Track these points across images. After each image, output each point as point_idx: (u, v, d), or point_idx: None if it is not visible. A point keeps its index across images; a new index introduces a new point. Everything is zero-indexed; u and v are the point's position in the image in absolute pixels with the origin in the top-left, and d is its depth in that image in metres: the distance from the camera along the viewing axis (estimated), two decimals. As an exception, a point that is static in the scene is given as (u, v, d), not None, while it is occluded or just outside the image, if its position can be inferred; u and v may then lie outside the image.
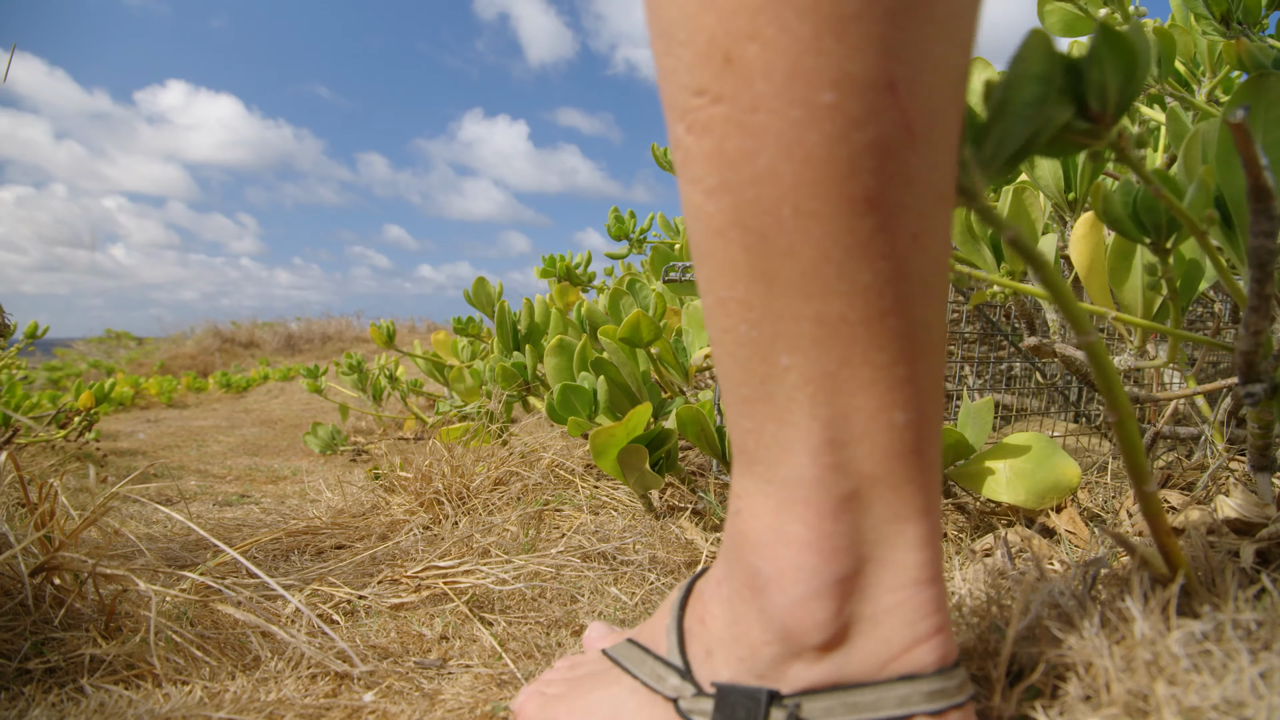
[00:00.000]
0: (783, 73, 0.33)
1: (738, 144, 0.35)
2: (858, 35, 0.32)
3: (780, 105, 0.33)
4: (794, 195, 0.34)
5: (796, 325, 0.37)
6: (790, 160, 0.34)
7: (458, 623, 0.73)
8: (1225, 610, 0.45)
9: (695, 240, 0.39)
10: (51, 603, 0.68)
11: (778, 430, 0.39)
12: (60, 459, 1.69)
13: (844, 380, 0.37)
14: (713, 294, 0.39)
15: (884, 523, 0.40)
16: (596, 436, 0.84)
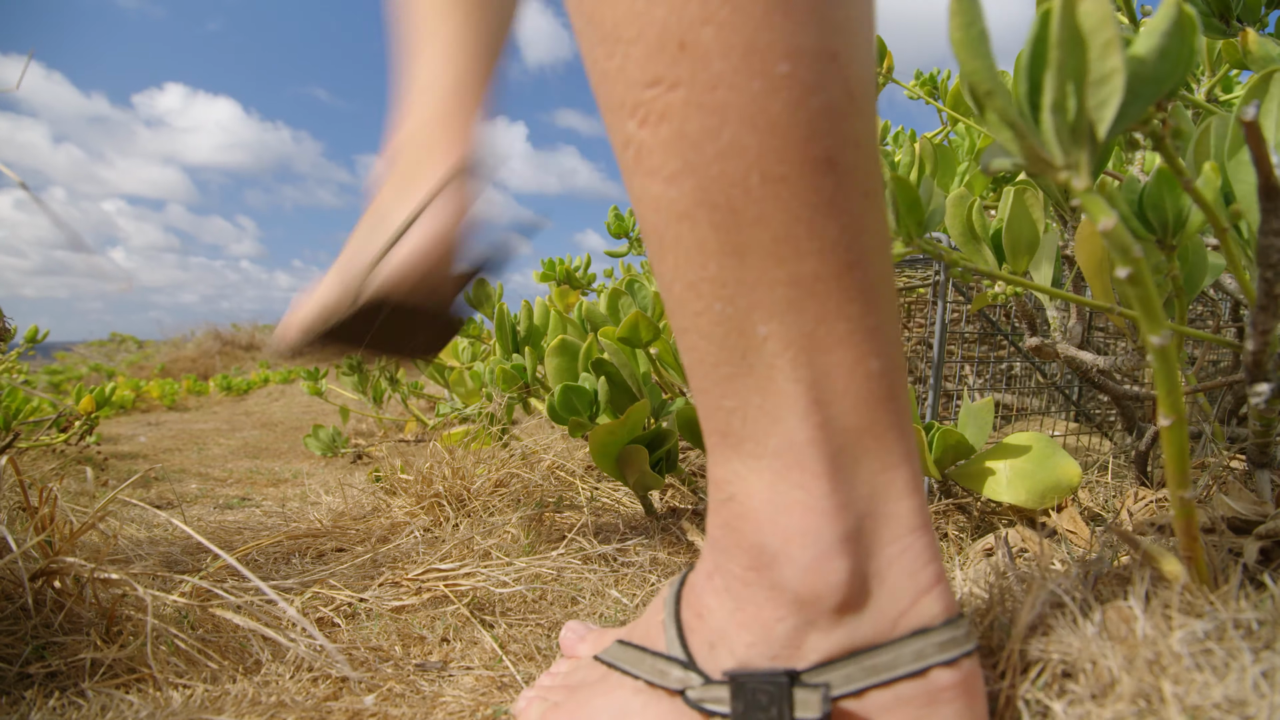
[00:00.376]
0: (740, 50, 0.36)
1: (699, 124, 0.37)
2: (803, 11, 0.37)
3: (741, 80, 0.36)
4: (761, 163, 0.37)
5: (772, 291, 0.39)
6: (755, 130, 0.37)
7: (459, 625, 0.73)
8: (1227, 609, 0.45)
9: (657, 232, 0.41)
10: (52, 607, 0.68)
11: (763, 401, 0.40)
12: (61, 463, 1.69)
13: (822, 338, 0.39)
14: (682, 280, 0.41)
15: (875, 474, 0.41)
16: (596, 435, 0.83)
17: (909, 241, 0.65)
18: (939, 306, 0.90)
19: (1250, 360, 0.50)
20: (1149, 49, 0.38)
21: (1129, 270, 0.39)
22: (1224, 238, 0.53)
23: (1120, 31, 0.37)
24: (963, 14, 0.38)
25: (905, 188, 0.62)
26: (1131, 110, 0.38)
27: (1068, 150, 0.38)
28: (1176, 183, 0.60)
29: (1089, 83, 0.37)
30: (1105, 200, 0.45)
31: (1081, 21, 0.37)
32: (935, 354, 0.90)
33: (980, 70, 0.39)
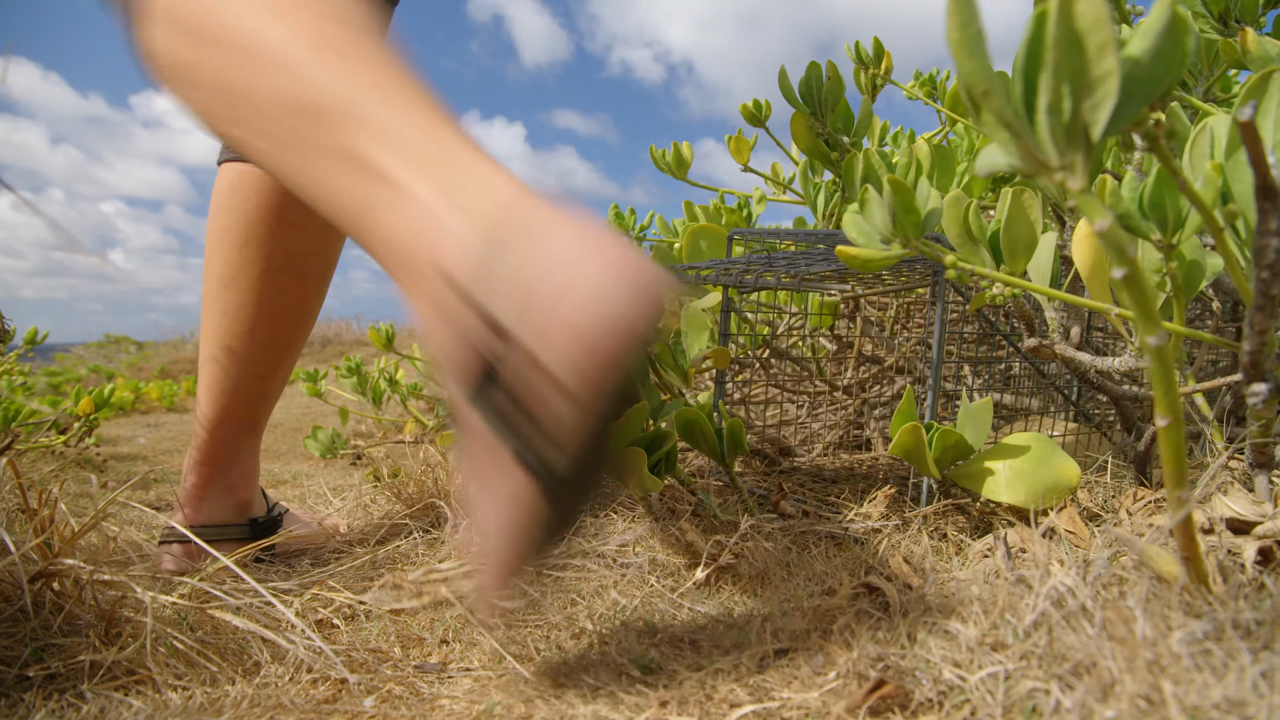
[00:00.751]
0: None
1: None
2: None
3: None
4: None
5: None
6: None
7: (458, 626, 0.73)
8: (1226, 610, 0.45)
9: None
10: (51, 609, 0.68)
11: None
12: (60, 464, 1.69)
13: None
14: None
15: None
16: (596, 439, 0.83)
17: (906, 244, 0.65)
18: (938, 307, 0.91)
19: (1247, 360, 0.50)
20: (1143, 50, 0.38)
21: (1125, 271, 0.39)
22: (1221, 238, 0.53)
23: (1115, 32, 0.37)
24: (959, 14, 0.39)
25: (902, 190, 0.62)
26: (1126, 111, 0.38)
27: (1063, 151, 0.38)
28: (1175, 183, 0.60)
29: (1084, 84, 0.37)
30: (1101, 201, 0.45)
31: (1077, 23, 0.37)
32: (934, 355, 0.90)
33: (977, 70, 0.39)
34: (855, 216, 0.68)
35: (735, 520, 0.89)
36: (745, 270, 0.89)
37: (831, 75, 1.21)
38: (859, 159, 0.90)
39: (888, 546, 0.82)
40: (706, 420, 0.88)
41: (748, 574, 0.78)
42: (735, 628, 0.67)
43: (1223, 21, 0.99)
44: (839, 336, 1.49)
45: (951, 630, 0.51)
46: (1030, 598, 0.50)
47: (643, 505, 0.95)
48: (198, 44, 0.55)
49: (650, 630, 0.69)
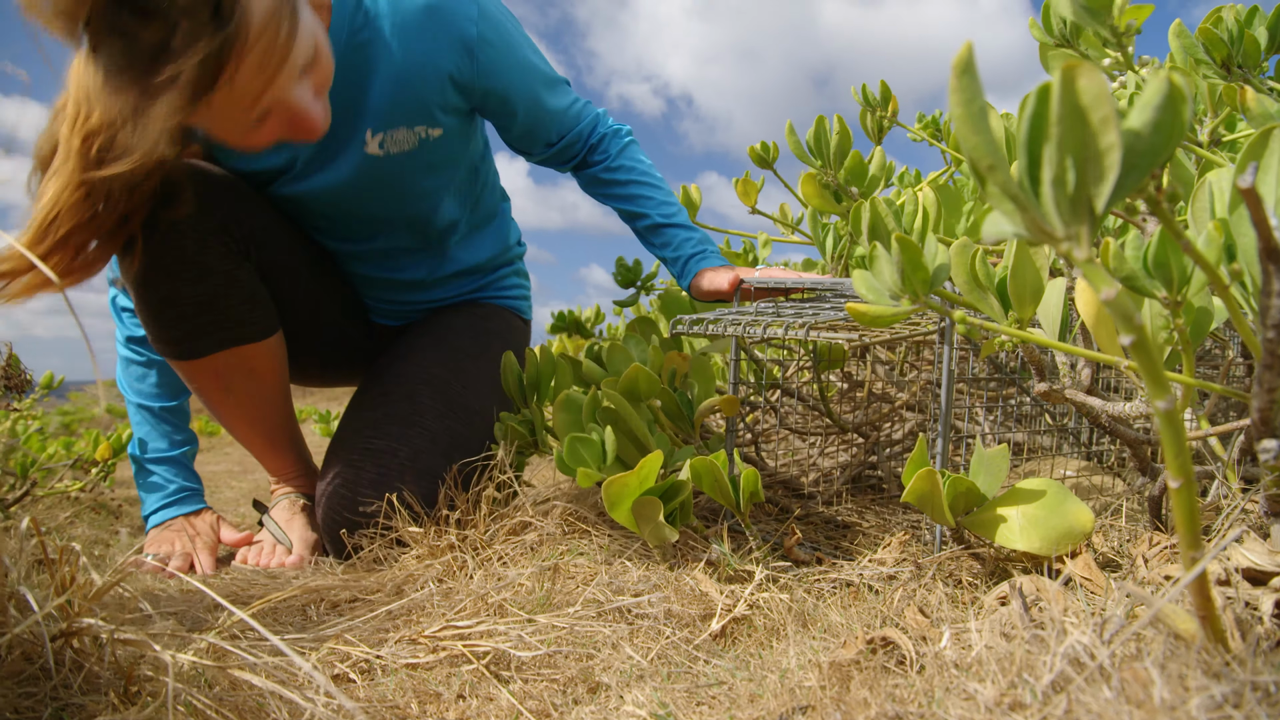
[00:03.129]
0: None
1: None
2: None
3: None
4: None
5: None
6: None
7: (475, 681, 0.73)
8: (1245, 670, 0.45)
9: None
10: (71, 667, 0.68)
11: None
12: (76, 510, 1.70)
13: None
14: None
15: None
16: (610, 487, 0.84)
17: (915, 299, 0.66)
18: (945, 353, 0.91)
19: (1257, 417, 0.50)
20: (1143, 123, 0.39)
21: (1133, 338, 0.40)
22: (1226, 295, 0.53)
23: (1115, 107, 0.38)
24: (963, 92, 0.40)
25: (910, 248, 0.63)
26: (1128, 182, 0.39)
27: (1068, 222, 0.39)
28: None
29: (1088, 158, 0.38)
30: (1105, 270, 0.45)
31: (1080, 98, 0.38)
32: (943, 402, 0.91)
33: (982, 145, 0.40)
34: (864, 273, 0.69)
35: (750, 569, 0.89)
36: (754, 320, 0.90)
37: (840, 130, 1.23)
38: (865, 208, 0.91)
39: (903, 595, 0.82)
40: (721, 470, 0.88)
41: (763, 626, 0.78)
42: (752, 682, 0.67)
43: (1225, 68, 1.00)
44: (849, 374, 1.50)
45: (970, 690, 0.51)
46: (1047, 656, 0.51)
47: (658, 553, 0.95)
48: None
49: (667, 684, 0.69)
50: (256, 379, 1.28)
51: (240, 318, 1.21)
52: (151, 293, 1.14)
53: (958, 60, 0.39)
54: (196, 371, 1.24)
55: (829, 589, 0.87)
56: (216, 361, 1.22)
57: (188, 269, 1.13)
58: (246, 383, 1.28)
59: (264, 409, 1.33)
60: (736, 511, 0.93)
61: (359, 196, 1.28)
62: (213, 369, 1.22)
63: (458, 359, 1.35)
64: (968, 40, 0.38)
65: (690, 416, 1.03)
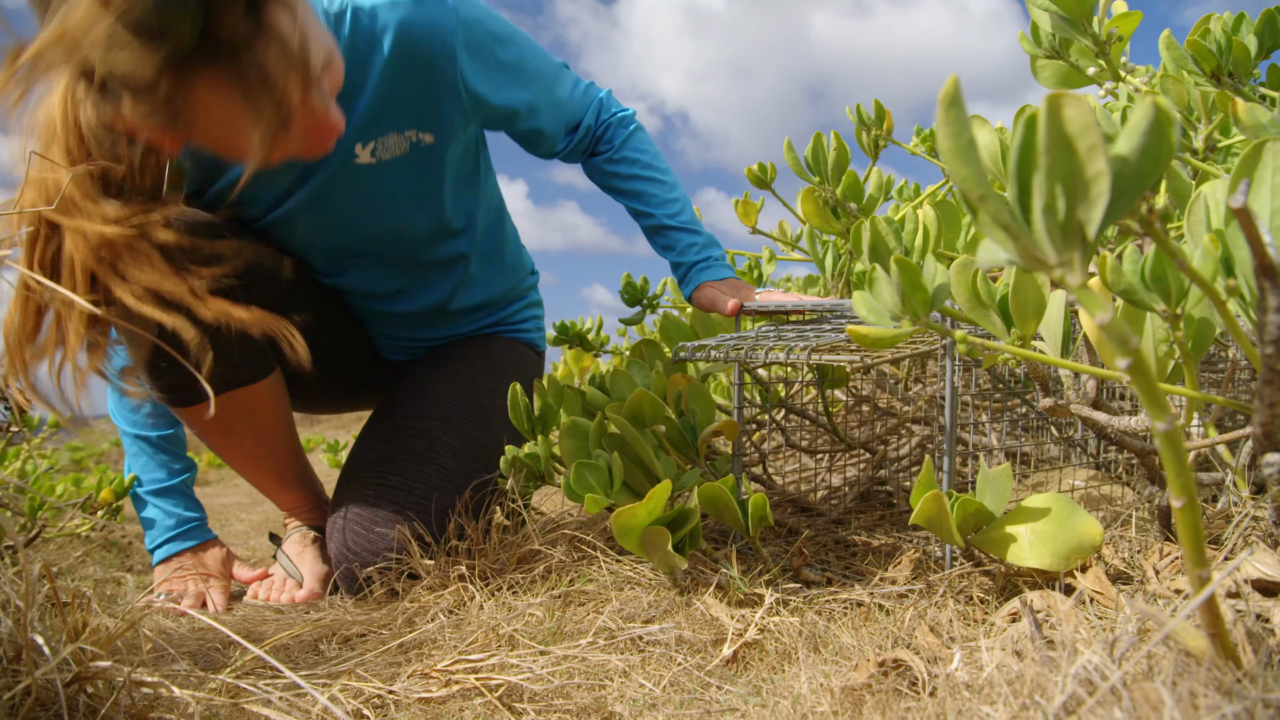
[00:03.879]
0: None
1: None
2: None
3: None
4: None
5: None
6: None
7: (488, 714, 0.73)
8: (1256, 687, 0.45)
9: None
10: (85, 712, 0.68)
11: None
12: (87, 549, 1.70)
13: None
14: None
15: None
16: (619, 518, 0.84)
17: (916, 320, 0.66)
18: (949, 369, 0.91)
19: (1260, 431, 0.50)
20: (1131, 148, 0.40)
21: (1129, 361, 0.40)
22: (1224, 310, 0.54)
23: (1102, 134, 0.38)
24: (951, 124, 0.40)
25: (909, 270, 0.64)
26: (1119, 207, 0.40)
27: (1060, 249, 0.40)
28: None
29: (1077, 185, 0.39)
30: (1101, 295, 0.46)
31: (1067, 127, 0.38)
32: (947, 419, 0.91)
33: (971, 177, 0.40)
34: (864, 295, 0.69)
35: (760, 592, 0.89)
36: (755, 345, 0.90)
37: (837, 146, 1.24)
38: (865, 227, 0.91)
39: (914, 614, 0.82)
40: (730, 495, 0.88)
41: (775, 650, 0.78)
42: (765, 708, 0.67)
43: (1215, 78, 1.01)
44: (854, 389, 1.50)
45: (982, 713, 0.51)
46: (1058, 677, 0.50)
47: (668, 579, 0.95)
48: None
49: (680, 712, 0.69)
50: (258, 419, 1.29)
51: (236, 362, 1.20)
52: (144, 341, 1.08)
53: (944, 94, 0.39)
54: (195, 416, 1.24)
55: (840, 610, 0.87)
56: (216, 405, 1.20)
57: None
58: (248, 424, 1.29)
59: (268, 447, 1.34)
60: (747, 535, 0.93)
61: (357, 213, 1.26)
62: (210, 412, 1.17)
63: (475, 396, 1.35)
64: (953, 74, 0.39)
65: (694, 443, 1.03)
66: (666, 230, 1.36)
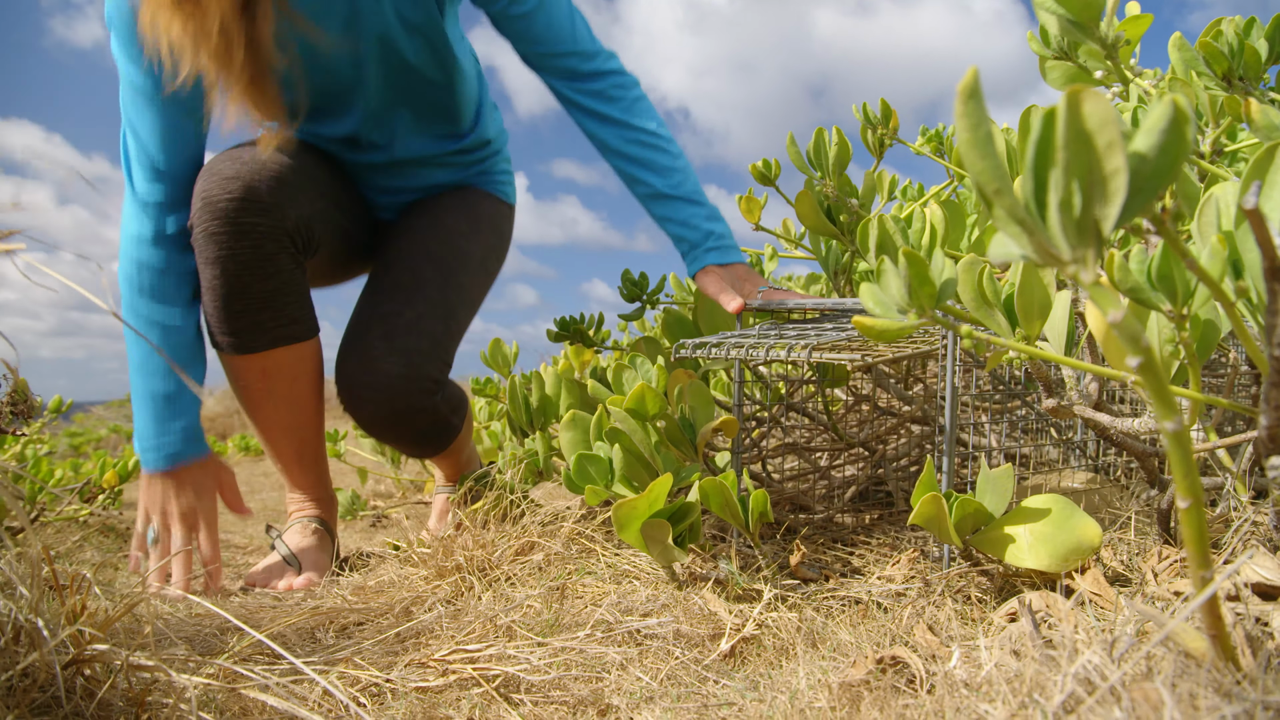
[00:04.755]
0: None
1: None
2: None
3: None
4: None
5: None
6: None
7: (484, 704, 0.73)
8: (1255, 689, 0.45)
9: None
10: (83, 695, 0.68)
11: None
12: (85, 534, 1.70)
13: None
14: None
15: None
16: (619, 509, 0.84)
17: (922, 314, 0.66)
18: (950, 369, 0.91)
19: (1265, 434, 0.50)
20: (1149, 146, 0.39)
21: (1140, 359, 0.40)
22: (1231, 312, 0.53)
23: (1121, 131, 0.38)
24: (969, 117, 0.40)
25: (917, 263, 0.63)
26: (1135, 204, 0.39)
27: (1075, 245, 0.39)
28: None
29: (1094, 181, 0.38)
30: (1112, 291, 0.46)
31: (1086, 122, 0.38)
32: (947, 419, 0.91)
33: (988, 170, 0.40)
34: (872, 288, 0.69)
35: (758, 588, 0.89)
36: (756, 343, 0.90)
37: (839, 141, 1.23)
38: (873, 225, 0.91)
39: (912, 613, 0.82)
40: (730, 490, 0.88)
41: (772, 645, 0.78)
42: (762, 703, 0.67)
43: (1227, 80, 1.01)
44: (854, 388, 1.50)
45: (980, 710, 0.51)
46: (1058, 676, 0.50)
47: (666, 572, 0.95)
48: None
49: (676, 705, 0.69)
50: (298, 385, 1.36)
51: (294, 316, 1.31)
52: (226, 284, 1.23)
53: (964, 86, 0.39)
54: (246, 368, 1.31)
55: (838, 607, 0.87)
56: (267, 360, 1.31)
57: (264, 266, 1.24)
58: (290, 387, 1.36)
59: (301, 416, 1.39)
60: (746, 532, 0.93)
61: (402, 56, 1.36)
62: (261, 367, 1.31)
63: (453, 239, 1.47)
64: (973, 66, 0.38)
65: (693, 440, 1.03)
66: (668, 200, 1.36)
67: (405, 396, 1.30)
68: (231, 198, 1.21)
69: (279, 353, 1.31)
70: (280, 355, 1.32)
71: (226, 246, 1.21)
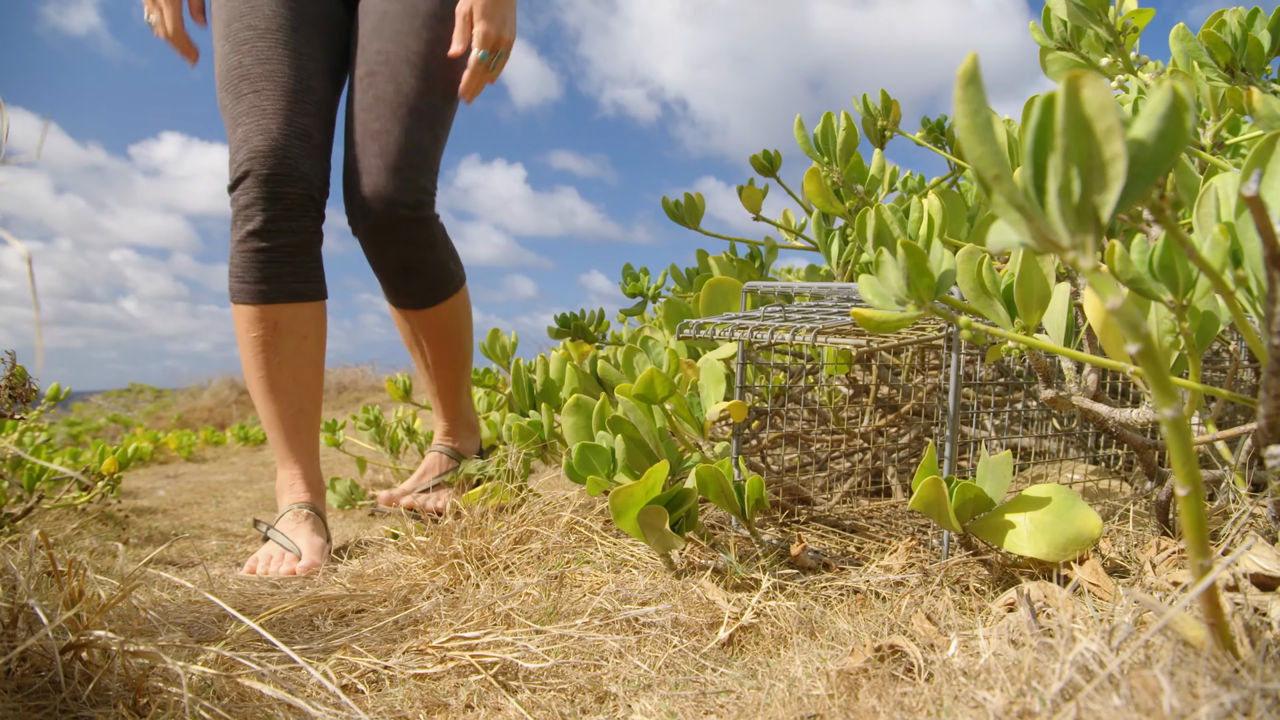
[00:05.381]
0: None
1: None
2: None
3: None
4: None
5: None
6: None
7: (482, 691, 0.73)
8: (1254, 678, 0.45)
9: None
10: (80, 679, 0.68)
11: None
12: (83, 521, 1.70)
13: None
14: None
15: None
16: (616, 496, 0.84)
17: (921, 304, 0.66)
18: (952, 361, 0.91)
19: (1264, 423, 0.50)
20: (1148, 132, 0.39)
21: (1139, 346, 0.40)
22: (1231, 301, 0.53)
23: (1120, 117, 0.38)
24: (969, 103, 0.40)
25: (915, 254, 0.63)
26: (1134, 191, 0.39)
27: (1074, 232, 0.39)
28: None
29: (1093, 167, 0.38)
30: (1112, 278, 0.46)
31: (1085, 108, 0.38)
32: (950, 407, 0.91)
33: (987, 156, 0.40)
34: (870, 279, 0.69)
35: (756, 577, 0.89)
36: (760, 325, 0.90)
37: (846, 126, 1.23)
38: (870, 215, 0.91)
39: (910, 602, 0.82)
40: (726, 477, 0.88)
41: (771, 634, 0.78)
42: (760, 691, 0.67)
43: (1229, 71, 1.01)
44: (854, 380, 1.50)
45: (978, 698, 0.51)
46: (1056, 664, 0.50)
47: (664, 561, 0.95)
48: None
49: (674, 693, 0.69)
50: (304, 346, 1.46)
51: (308, 275, 1.44)
52: (257, 237, 1.38)
53: (963, 71, 0.39)
54: (259, 320, 1.42)
55: (836, 596, 0.87)
56: (280, 313, 1.42)
57: (292, 222, 1.38)
58: (296, 345, 1.45)
59: (300, 380, 1.48)
60: (742, 519, 0.93)
61: None
62: (273, 319, 1.42)
63: (430, 27, 1.49)
64: (972, 51, 0.38)
65: (700, 420, 1.03)
66: None
67: (401, 206, 1.45)
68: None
69: (292, 308, 1.43)
70: (293, 310, 1.43)
71: (263, 202, 1.39)
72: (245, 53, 1.42)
